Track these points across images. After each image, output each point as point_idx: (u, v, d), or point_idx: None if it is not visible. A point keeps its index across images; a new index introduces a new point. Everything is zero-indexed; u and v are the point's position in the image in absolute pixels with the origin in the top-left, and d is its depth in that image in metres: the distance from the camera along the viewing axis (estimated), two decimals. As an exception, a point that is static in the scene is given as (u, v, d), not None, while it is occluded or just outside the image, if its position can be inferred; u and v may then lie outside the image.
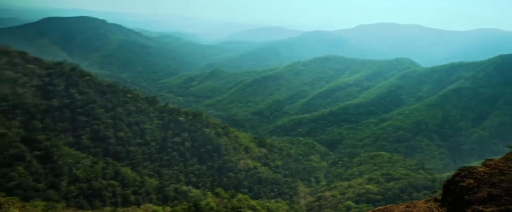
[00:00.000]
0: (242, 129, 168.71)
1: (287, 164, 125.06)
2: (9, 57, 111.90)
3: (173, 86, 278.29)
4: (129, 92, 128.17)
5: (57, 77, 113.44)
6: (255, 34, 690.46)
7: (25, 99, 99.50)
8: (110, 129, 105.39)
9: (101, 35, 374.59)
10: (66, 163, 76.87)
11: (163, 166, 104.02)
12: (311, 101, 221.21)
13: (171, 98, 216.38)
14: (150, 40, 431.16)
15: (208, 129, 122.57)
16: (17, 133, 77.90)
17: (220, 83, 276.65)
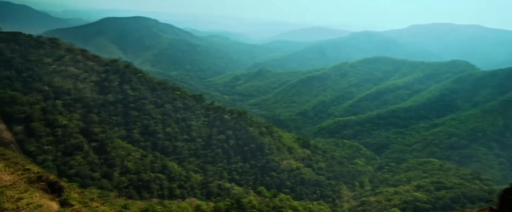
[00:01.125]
0: (286, 129, 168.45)
1: (330, 166, 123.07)
2: (72, 55, 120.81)
3: (220, 85, 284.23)
4: (178, 90, 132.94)
5: (112, 74, 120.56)
6: (302, 34, 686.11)
7: (85, 94, 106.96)
8: (159, 124, 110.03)
9: (154, 34, 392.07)
10: (119, 155, 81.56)
11: (207, 163, 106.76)
12: (358, 103, 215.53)
13: (217, 97, 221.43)
14: (199, 40, 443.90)
15: (252, 127, 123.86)
16: (77, 124, 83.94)
17: (266, 83, 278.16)
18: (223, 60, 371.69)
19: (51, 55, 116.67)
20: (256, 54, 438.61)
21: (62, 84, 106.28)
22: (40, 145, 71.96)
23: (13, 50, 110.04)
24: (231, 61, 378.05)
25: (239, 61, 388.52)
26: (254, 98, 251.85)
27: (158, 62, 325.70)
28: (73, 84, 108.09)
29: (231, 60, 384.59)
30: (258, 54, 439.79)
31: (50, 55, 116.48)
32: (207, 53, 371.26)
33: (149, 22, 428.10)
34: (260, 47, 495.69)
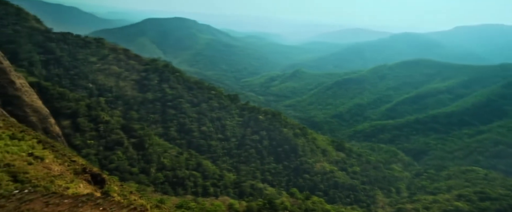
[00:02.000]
0: (320, 132, 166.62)
1: (365, 170, 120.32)
2: (115, 54, 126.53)
3: (255, 85, 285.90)
4: (214, 89, 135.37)
5: (152, 73, 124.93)
6: (340, 36, 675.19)
7: (126, 92, 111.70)
8: (195, 123, 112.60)
9: (192, 35, 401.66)
10: (156, 151, 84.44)
11: (241, 162, 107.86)
12: (396, 107, 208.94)
13: (252, 97, 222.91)
14: (236, 40, 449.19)
15: (286, 129, 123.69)
16: (117, 121, 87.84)
17: (301, 84, 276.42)
18: (259, 61, 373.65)
19: (96, 54, 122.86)
20: (292, 55, 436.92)
21: (105, 82, 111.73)
22: (84, 139, 76.07)
23: (62, 50, 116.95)
24: (267, 62, 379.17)
25: (275, 62, 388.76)
26: (289, 99, 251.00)
27: (196, 62, 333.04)
28: (115, 82, 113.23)
29: (267, 61, 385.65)
30: (294, 55, 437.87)
31: (95, 54, 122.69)
32: (243, 54, 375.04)
33: (188, 23, 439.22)
34: (296, 48, 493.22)
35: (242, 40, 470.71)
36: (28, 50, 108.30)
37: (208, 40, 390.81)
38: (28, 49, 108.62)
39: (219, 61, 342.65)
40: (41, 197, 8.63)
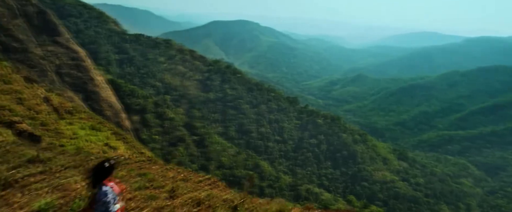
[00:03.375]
0: (382, 139, 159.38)
1: (430, 183, 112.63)
2: (182, 55, 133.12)
3: (315, 89, 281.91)
4: (273, 92, 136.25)
5: (214, 73, 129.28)
6: (407, 39, 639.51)
7: (189, 91, 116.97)
8: (253, 123, 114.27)
9: (255, 37, 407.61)
10: (215, 149, 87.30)
11: (297, 165, 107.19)
12: (468, 117, 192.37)
13: (311, 101, 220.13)
14: (297, 43, 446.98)
15: (345, 134, 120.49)
16: (181, 118, 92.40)
17: (363, 89, 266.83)
18: (320, 64, 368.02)
19: (164, 55, 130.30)
20: (354, 58, 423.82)
21: (171, 81, 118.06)
22: (150, 134, 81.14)
23: (135, 50, 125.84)
24: (328, 65, 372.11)
25: (336, 65, 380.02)
26: (350, 104, 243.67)
27: (257, 64, 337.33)
28: (180, 82, 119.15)
29: (328, 64, 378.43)
30: (356, 58, 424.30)
31: (163, 55, 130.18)
32: (304, 57, 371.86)
33: (251, 25, 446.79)
34: (359, 52, 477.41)
35: (304, 43, 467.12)
36: (106, 50, 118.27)
37: (270, 42, 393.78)
38: (106, 49, 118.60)
39: (280, 64, 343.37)
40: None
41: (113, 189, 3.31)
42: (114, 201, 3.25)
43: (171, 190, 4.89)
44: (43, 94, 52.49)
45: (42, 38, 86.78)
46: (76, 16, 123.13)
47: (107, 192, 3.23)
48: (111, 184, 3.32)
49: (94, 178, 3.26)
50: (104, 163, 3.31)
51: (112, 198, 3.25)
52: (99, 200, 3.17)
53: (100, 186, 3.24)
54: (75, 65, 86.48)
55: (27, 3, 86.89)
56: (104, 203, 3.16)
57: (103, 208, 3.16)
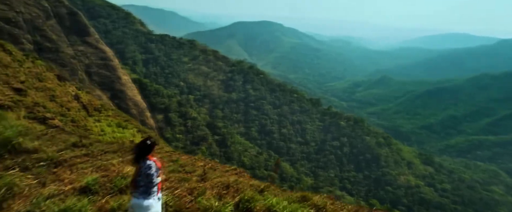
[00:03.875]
0: (407, 143, 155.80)
1: (458, 189, 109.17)
2: (205, 55, 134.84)
3: (338, 90, 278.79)
4: (296, 93, 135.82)
5: (237, 74, 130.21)
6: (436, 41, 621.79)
7: (212, 91, 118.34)
8: (275, 124, 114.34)
9: (278, 38, 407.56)
10: (237, 149, 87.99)
11: (319, 167, 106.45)
12: (499, 122, 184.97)
13: (334, 102, 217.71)
14: (321, 44, 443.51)
15: (369, 137, 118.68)
16: (204, 118, 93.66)
17: (387, 91, 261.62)
18: (343, 66, 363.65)
19: (188, 55, 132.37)
20: (379, 60, 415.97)
21: (194, 81, 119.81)
22: (174, 133, 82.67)
23: (160, 50, 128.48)
24: (351, 67, 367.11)
25: (360, 67, 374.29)
26: (374, 106, 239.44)
27: (279, 65, 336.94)
28: (203, 82, 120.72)
29: (352, 65, 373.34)
30: (381, 60, 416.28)
31: (187, 55, 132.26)
32: (327, 58, 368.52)
33: (274, 26, 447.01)
34: (384, 53, 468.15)
35: (327, 44, 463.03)
36: (132, 50, 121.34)
37: (293, 43, 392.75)
38: (133, 49, 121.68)
39: (303, 65, 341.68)
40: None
41: (155, 163, 3.70)
42: (156, 174, 3.66)
43: (202, 175, 5.26)
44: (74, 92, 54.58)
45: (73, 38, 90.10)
46: (105, 17, 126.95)
47: (150, 165, 3.62)
48: (153, 159, 3.71)
49: (137, 154, 3.66)
50: (146, 140, 3.70)
51: (155, 171, 3.64)
52: (144, 172, 3.56)
53: (144, 161, 3.63)
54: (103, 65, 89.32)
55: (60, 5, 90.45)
56: (148, 175, 3.55)
57: (147, 179, 3.55)
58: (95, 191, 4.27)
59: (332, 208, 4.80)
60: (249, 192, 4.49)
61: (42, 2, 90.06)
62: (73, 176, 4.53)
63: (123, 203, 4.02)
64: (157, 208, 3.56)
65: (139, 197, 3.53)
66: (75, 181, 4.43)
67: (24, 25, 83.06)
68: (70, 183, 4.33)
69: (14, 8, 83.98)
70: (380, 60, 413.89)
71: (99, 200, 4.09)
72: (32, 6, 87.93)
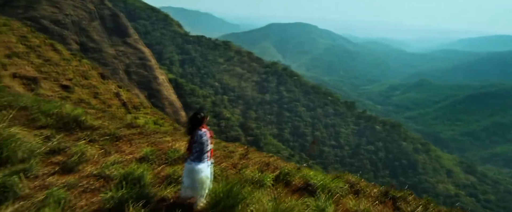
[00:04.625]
0: (446, 150, 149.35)
1: (503, 201, 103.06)
2: (240, 56, 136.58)
3: (373, 94, 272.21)
4: (330, 95, 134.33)
5: (271, 75, 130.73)
6: (478, 43, 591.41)
7: (246, 92, 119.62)
8: (309, 127, 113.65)
9: (312, 40, 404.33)
10: (269, 151, 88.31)
11: (353, 172, 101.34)
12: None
13: (370, 106, 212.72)
14: (356, 46, 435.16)
15: (405, 142, 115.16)
16: (237, 118, 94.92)
17: (426, 95, 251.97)
18: (379, 68, 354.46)
19: (223, 56, 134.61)
20: (416, 63, 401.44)
21: (229, 82, 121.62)
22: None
23: (196, 51, 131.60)
24: (388, 70, 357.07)
25: (397, 70, 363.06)
26: (411, 111, 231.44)
27: (313, 67, 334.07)
28: (237, 83, 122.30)
29: (388, 68, 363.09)
30: (420, 63, 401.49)
31: (222, 56, 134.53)
32: (363, 60, 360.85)
33: (309, 28, 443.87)
34: (422, 56, 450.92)
35: (363, 46, 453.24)
36: (170, 50, 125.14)
37: (328, 45, 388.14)
38: (170, 50, 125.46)
39: (337, 67, 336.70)
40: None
41: (207, 132, 4.20)
42: (208, 142, 4.15)
43: (243, 154, 5.74)
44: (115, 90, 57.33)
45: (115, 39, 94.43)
46: (145, 19, 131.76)
47: (203, 134, 4.12)
48: (205, 129, 4.21)
49: (190, 125, 4.18)
50: (198, 113, 4.23)
51: (207, 139, 4.13)
52: (197, 140, 4.06)
53: (197, 130, 4.14)
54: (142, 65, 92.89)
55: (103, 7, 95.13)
56: (201, 143, 4.04)
57: (200, 146, 4.05)
58: (152, 161, 4.87)
59: (364, 184, 5.13)
60: (288, 167, 4.94)
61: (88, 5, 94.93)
62: (132, 148, 5.17)
63: (177, 170, 4.59)
64: (208, 172, 4.06)
65: (192, 161, 4.04)
66: (134, 152, 5.07)
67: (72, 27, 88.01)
68: (130, 154, 4.97)
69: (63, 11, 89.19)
70: (418, 63, 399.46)
71: (155, 168, 4.69)
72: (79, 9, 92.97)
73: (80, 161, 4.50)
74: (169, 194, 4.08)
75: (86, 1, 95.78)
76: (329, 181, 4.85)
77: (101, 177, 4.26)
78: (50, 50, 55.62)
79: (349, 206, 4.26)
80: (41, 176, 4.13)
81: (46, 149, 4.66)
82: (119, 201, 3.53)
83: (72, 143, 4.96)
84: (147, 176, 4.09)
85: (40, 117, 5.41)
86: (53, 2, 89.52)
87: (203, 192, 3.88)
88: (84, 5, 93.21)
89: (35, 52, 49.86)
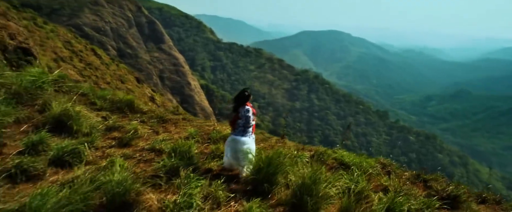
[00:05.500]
0: (486, 164, 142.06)
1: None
2: (271, 63, 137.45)
3: (407, 103, 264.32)
4: (361, 104, 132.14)
5: (302, 83, 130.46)
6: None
7: (276, 99, 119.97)
8: (339, 135, 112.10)
9: (345, 48, 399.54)
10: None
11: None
12: None
13: (403, 116, 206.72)
14: (390, 54, 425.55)
15: (441, 154, 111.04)
16: (267, 126, 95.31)
17: (464, 106, 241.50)
18: (414, 77, 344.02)
19: (254, 63, 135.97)
20: (455, 73, 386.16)
21: (259, 88, 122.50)
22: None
23: (227, 57, 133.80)
24: (423, 79, 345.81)
25: (434, 79, 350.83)
26: (447, 122, 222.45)
27: (345, 75, 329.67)
28: (268, 89, 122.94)
29: (424, 77, 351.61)
30: (458, 73, 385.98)
31: (254, 63, 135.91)
32: (397, 69, 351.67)
33: (341, 35, 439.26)
34: (460, 65, 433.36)
35: (397, 55, 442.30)
36: (202, 57, 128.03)
37: (360, 53, 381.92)
38: (202, 56, 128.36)
39: (370, 76, 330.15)
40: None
41: (251, 108, 4.64)
42: (252, 117, 4.58)
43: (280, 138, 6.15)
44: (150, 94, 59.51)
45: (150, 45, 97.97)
46: (179, 26, 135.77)
47: (248, 109, 4.56)
48: (249, 106, 4.66)
49: (237, 102, 4.63)
50: (245, 90, 4.69)
51: (251, 114, 4.56)
52: (243, 114, 4.50)
53: (243, 106, 4.58)
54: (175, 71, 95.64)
55: (141, 15, 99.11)
56: (246, 117, 4.47)
57: (245, 120, 4.47)
58: (197, 140, 5.36)
59: (396, 166, 5.36)
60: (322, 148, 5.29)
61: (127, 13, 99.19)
62: (177, 130, 5.69)
63: (219, 147, 5.06)
64: (251, 146, 4.48)
65: (237, 134, 4.47)
66: (180, 132, 5.58)
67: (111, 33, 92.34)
68: (177, 134, 5.49)
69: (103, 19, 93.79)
70: (456, 73, 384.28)
71: (199, 147, 5.17)
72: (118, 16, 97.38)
73: (133, 137, 5.08)
74: (214, 167, 4.53)
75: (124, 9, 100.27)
76: (362, 160, 5.14)
77: (153, 151, 4.80)
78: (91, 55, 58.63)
79: (381, 182, 4.51)
80: (101, 148, 4.73)
81: (104, 126, 5.29)
82: (170, 168, 4.04)
83: (126, 122, 5.57)
84: (194, 149, 4.60)
85: (97, 101, 6.09)
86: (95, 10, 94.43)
87: (246, 163, 4.29)
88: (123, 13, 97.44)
89: (77, 56, 52.72)
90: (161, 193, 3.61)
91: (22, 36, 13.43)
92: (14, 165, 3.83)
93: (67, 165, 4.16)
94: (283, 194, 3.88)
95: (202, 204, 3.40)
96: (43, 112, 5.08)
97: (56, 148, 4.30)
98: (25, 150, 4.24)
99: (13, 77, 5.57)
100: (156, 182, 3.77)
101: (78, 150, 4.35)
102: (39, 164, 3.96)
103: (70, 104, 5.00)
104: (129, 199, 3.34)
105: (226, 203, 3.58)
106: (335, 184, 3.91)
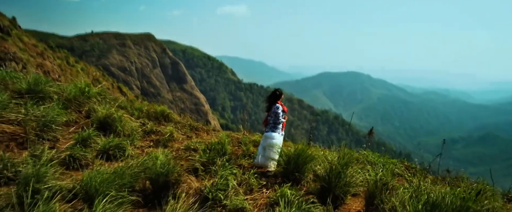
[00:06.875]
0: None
1: None
2: (291, 104, 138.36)
3: (432, 146, 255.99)
4: (383, 146, 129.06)
5: (322, 124, 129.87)
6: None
7: (296, 140, 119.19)
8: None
9: (365, 89, 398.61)
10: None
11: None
12: None
13: (428, 159, 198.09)
14: (412, 96, 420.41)
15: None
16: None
17: (493, 150, 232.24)
18: (438, 120, 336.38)
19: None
20: (482, 115, 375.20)
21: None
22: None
23: (248, 97, 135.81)
24: (448, 122, 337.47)
25: (458, 122, 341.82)
26: (475, 167, 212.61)
27: (366, 116, 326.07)
28: (287, 130, 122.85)
29: (448, 120, 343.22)
30: (485, 115, 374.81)
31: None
32: (420, 111, 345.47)
33: (362, 77, 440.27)
34: (487, 108, 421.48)
35: (420, 96, 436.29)
36: (223, 97, 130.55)
37: (381, 95, 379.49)
38: (223, 96, 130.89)
39: (392, 117, 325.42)
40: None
41: (282, 107, 5.00)
42: (282, 114, 4.92)
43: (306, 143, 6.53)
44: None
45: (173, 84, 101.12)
46: (201, 67, 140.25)
47: (278, 107, 4.92)
48: (280, 104, 5.03)
49: (270, 101, 5.03)
50: (277, 89, 5.09)
51: (281, 111, 4.91)
52: (274, 111, 4.85)
53: (274, 104, 4.95)
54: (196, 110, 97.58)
55: (164, 56, 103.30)
56: (276, 114, 4.83)
57: (276, 117, 4.83)
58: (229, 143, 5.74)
59: (419, 168, 5.52)
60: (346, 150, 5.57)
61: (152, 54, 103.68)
62: (209, 136, 6.11)
63: (250, 148, 5.38)
64: (279, 141, 4.79)
65: (268, 130, 4.81)
66: (211, 138, 5.99)
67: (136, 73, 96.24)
68: (209, 139, 5.90)
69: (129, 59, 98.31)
70: (483, 116, 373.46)
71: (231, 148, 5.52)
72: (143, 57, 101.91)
73: (169, 139, 5.56)
74: (245, 163, 4.85)
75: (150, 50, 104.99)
76: (387, 160, 5.34)
77: (188, 150, 5.21)
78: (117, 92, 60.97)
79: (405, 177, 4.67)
80: (141, 147, 5.18)
81: (142, 130, 5.78)
82: (206, 160, 4.40)
83: (162, 128, 6.06)
84: (227, 146, 5.00)
85: (135, 112, 6.64)
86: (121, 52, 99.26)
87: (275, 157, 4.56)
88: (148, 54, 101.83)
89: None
90: (198, 177, 3.95)
91: (56, 73, 14.50)
92: (68, 154, 4.35)
93: (112, 157, 4.67)
94: (312, 183, 4.16)
95: (237, 187, 3.70)
96: (89, 117, 5.66)
97: (102, 143, 4.84)
98: (76, 143, 4.76)
99: (64, 87, 6.24)
100: (195, 168, 4.12)
101: (122, 145, 4.88)
102: (88, 154, 4.50)
103: (113, 109, 5.55)
104: (171, 179, 3.68)
105: (258, 190, 3.85)
106: (362, 173, 4.15)
